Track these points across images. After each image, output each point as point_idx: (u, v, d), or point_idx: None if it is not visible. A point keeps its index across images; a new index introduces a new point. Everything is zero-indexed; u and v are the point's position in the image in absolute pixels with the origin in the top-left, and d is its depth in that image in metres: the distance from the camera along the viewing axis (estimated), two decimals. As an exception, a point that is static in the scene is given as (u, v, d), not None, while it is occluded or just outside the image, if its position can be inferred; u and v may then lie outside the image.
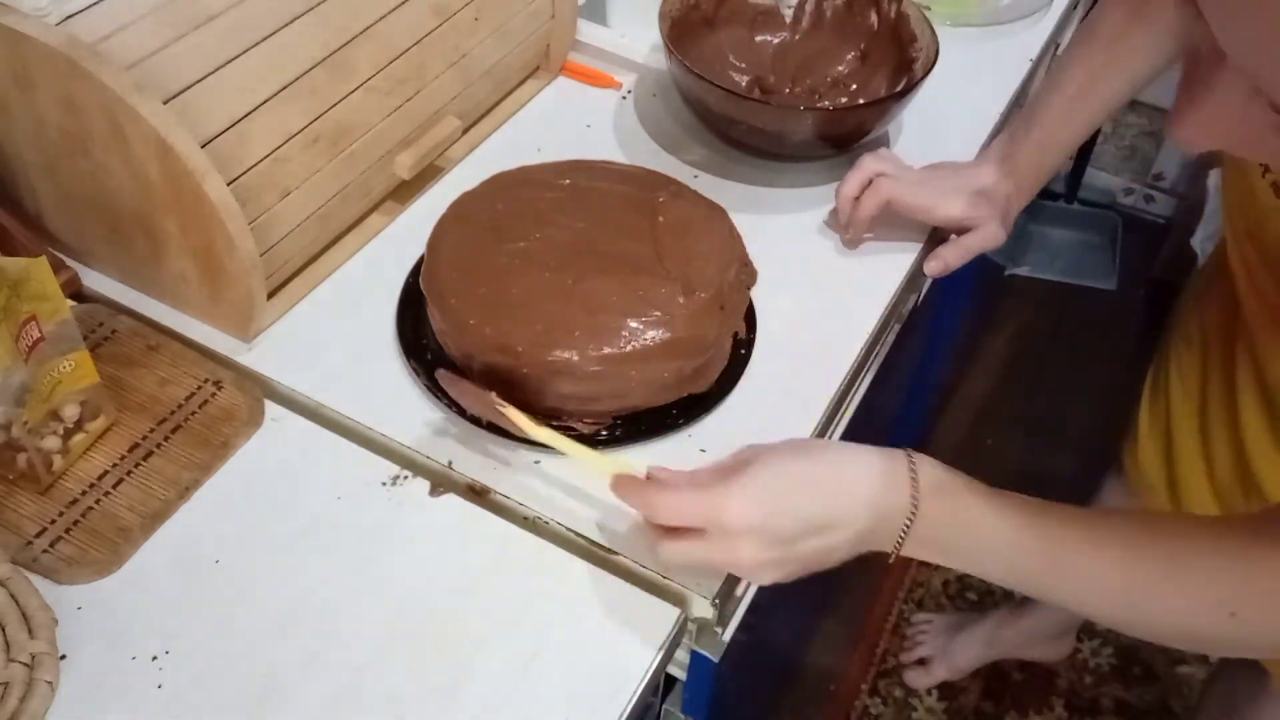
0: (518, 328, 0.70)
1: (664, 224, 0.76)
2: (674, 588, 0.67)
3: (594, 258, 0.74)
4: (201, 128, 0.69)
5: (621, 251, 0.75)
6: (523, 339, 0.70)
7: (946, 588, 1.71)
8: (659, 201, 0.78)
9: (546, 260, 0.74)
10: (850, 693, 1.59)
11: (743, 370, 0.77)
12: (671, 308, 0.71)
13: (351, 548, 0.68)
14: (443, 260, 0.75)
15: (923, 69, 0.91)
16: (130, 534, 0.67)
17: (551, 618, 0.66)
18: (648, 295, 0.72)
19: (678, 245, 0.75)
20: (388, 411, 0.74)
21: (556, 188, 0.79)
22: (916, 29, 0.95)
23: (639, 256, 0.74)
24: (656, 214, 0.77)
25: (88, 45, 0.67)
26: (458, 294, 0.72)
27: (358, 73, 0.79)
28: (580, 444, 0.66)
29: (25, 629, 0.61)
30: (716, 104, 0.89)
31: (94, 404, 0.71)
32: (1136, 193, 2.28)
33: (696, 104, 0.93)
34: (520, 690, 0.62)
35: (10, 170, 0.79)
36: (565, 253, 0.74)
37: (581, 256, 0.74)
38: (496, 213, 0.77)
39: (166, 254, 0.75)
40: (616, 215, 0.77)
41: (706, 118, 0.94)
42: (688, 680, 0.75)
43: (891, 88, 0.97)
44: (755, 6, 1.01)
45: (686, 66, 0.88)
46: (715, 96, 0.88)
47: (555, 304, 0.71)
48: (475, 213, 0.78)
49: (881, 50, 0.99)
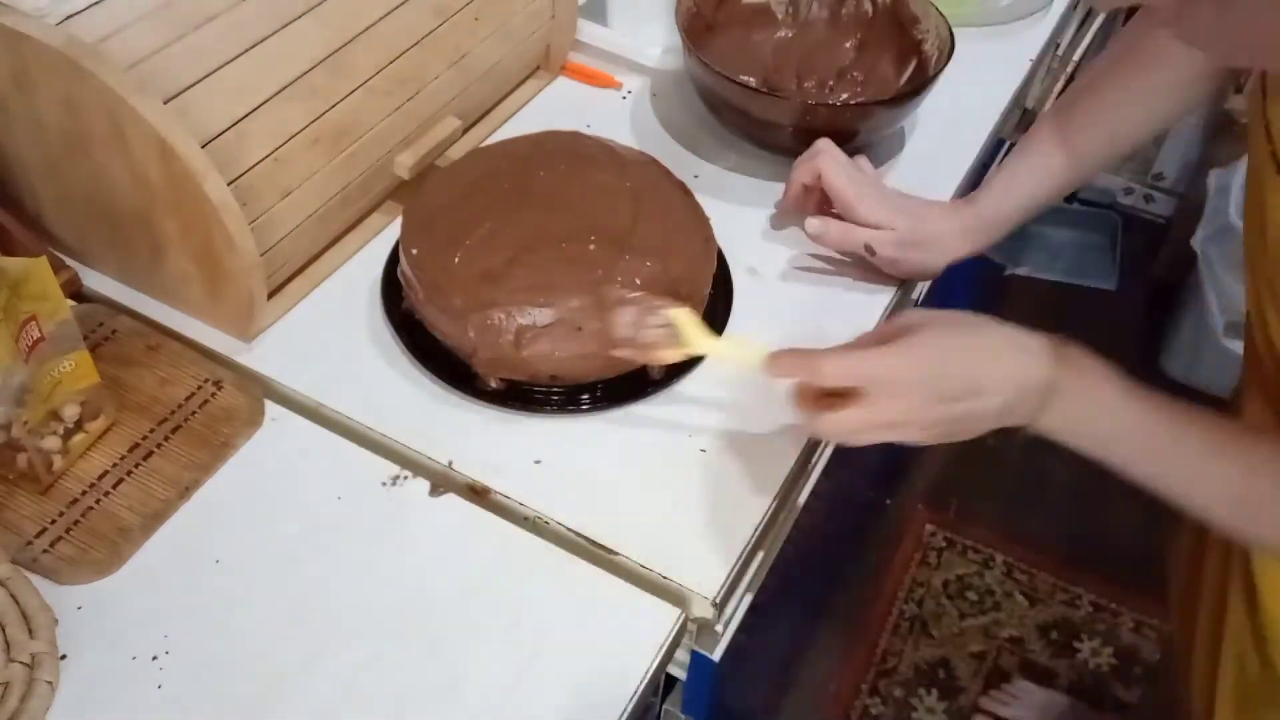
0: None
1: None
2: (674, 588, 0.67)
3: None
4: (201, 128, 0.69)
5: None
6: None
7: (946, 587, 1.71)
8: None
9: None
10: (850, 693, 1.59)
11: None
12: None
13: (351, 548, 0.68)
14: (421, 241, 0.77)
15: (936, 50, 0.92)
16: (130, 534, 0.67)
17: (551, 618, 0.66)
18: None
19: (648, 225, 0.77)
20: (388, 411, 0.74)
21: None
22: (918, 10, 0.96)
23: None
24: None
25: (88, 45, 0.67)
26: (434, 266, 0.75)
27: (358, 73, 0.79)
28: (743, 343, 0.69)
29: (25, 629, 0.61)
30: (759, 109, 0.89)
31: (94, 404, 0.71)
32: (1136, 193, 2.28)
33: (720, 104, 0.92)
34: (520, 690, 0.62)
35: (10, 170, 0.79)
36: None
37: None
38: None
39: (166, 254, 0.75)
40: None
41: (734, 119, 0.93)
42: (688, 680, 0.75)
43: (899, 73, 0.97)
44: (749, 6, 1.01)
45: (726, 76, 0.88)
46: (743, 96, 0.89)
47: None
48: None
49: (881, 35, 0.99)
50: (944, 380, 0.61)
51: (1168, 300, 2.01)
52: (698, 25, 0.97)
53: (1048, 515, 1.74)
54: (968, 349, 0.63)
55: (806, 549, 0.98)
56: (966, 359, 0.62)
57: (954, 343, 0.63)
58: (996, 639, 1.65)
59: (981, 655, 1.63)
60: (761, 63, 1.00)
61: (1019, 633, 1.66)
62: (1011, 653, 1.64)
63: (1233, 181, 1.80)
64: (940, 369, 0.62)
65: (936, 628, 1.67)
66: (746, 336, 0.73)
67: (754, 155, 0.95)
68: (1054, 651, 1.64)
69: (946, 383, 0.61)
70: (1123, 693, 1.59)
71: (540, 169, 0.81)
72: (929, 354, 0.62)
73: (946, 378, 0.62)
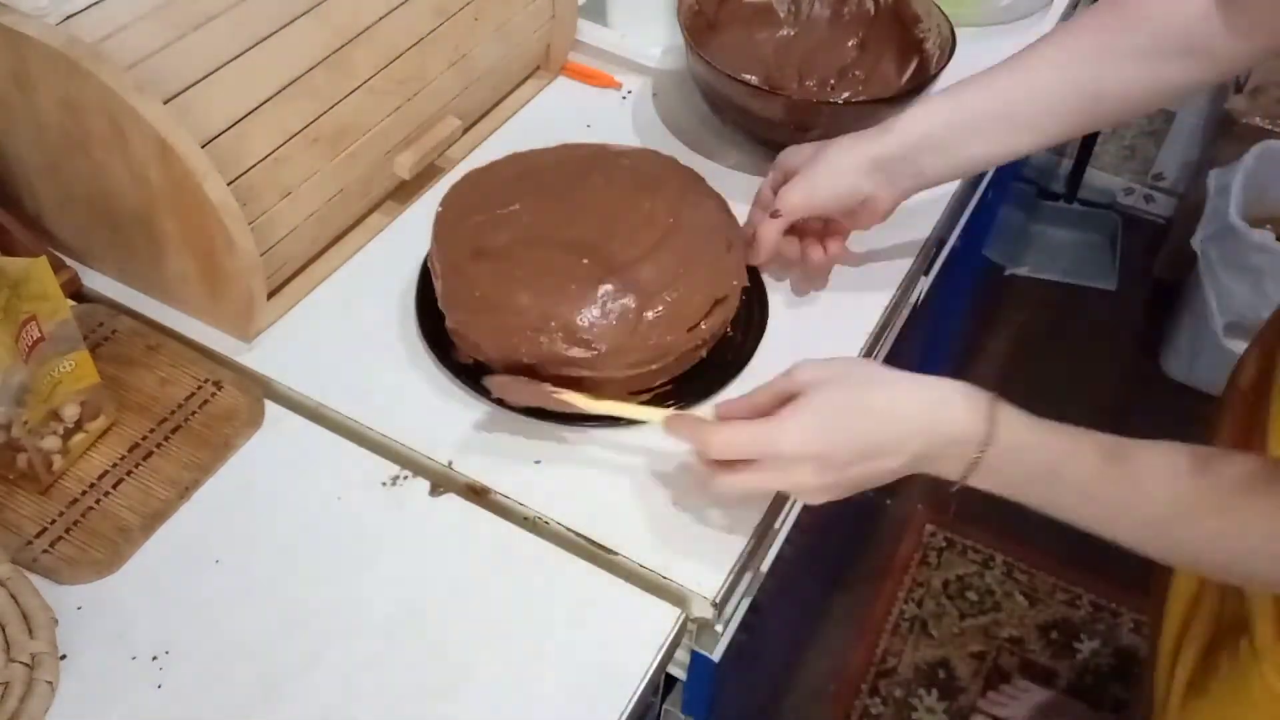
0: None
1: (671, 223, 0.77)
2: (674, 588, 0.67)
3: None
4: (201, 128, 0.69)
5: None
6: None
7: (946, 587, 1.71)
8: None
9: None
10: (850, 693, 1.59)
11: (744, 367, 0.77)
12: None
13: (351, 547, 0.68)
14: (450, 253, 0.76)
15: (938, 49, 0.92)
16: (130, 534, 0.67)
17: (551, 618, 0.66)
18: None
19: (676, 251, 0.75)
20: (388, 411, 0.74)
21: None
22: (919, 8, 0.96)
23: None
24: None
25: (88, 45, 0.67)
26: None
27: (358, 73, 0.79)
28: (642, 407, 0.69)
29: (25, 629, 0.61)
30: (763, 108, 0.89)
31: (94, 404, 0.71)
32: (1136, 193, 2.28)
33: (724, 103, 0.92)
34: (520, 690, 0.62)
35: (10, 170, 0.79)
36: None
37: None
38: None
39: (166, 254, 0.75)
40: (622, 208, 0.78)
41: (737, 117, 0.93)
42: (688, 680, 0.75)
43: (900, 71, 0.97)
44: (751, 5, 1.01)
45: (729, 75, 0.88)
46: (747, 95, 0.88)
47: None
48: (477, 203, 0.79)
49: (882, 34, 0.99)
50: (833, 449, 0.60)
51: (1168, 300, 2.01)
52: (699, 24, 0.97)
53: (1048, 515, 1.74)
54: (858, 412, 0.61)
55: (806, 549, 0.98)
56: (857, 425, 0.60)
57: (844, 406, 0.61)
58: (996, 639, 1.65)
59: (981, 655, 1.64)
60: (763, 61, 1.00)
61: (1019, 633, 1.66)
62: (1011, 653, 1.64)
63: (1233, 181, 1.80)
64: (828, 439, 0.60)
65: (936, 628, 1.67)
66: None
67: (754, 154, 0.95)
68: (1054, 651, 1.64)
69: (836, 451, 0.60)
70: (1122, 693, 1.59)
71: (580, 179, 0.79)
72: (816, 423, 0.60)
73: (835, 446, 0.60)
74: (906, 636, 1.65)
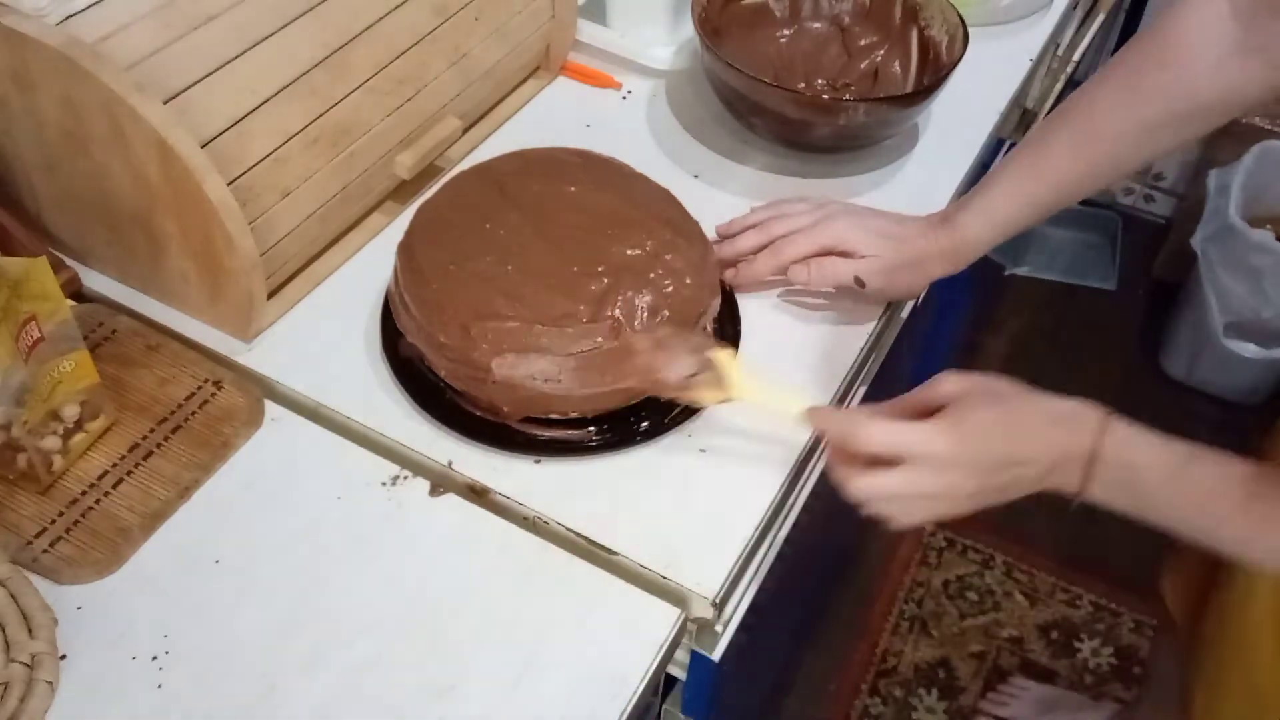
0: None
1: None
2: (674, 588, 0.67)
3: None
4: (201, 128, 0.69)
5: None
6: None
7: (946, 587, 1.71)
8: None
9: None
10: (850, 693, 1.59)
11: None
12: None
13: (351, 548, 0.68)
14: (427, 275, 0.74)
15: (946, 34, 0.93)
16: (130, 534, 0.67)
17: (551, 618, 0.66)
18: None
19: None
20: (388, 411, 0.74)
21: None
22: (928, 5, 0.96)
23: None
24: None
25: (88, 45, 0.67)
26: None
27: (358, 73, 0.79)
28: (762, 388, 0.69)
29: (25, 629, 0.61)
30: (794, 110, 0.89)
31: (94, 404, 0.71)
32: (1136, 193, 2.28)
33: (749, 106, 0.92)
34: (520, 690, 0.62)
35: (10, 170, 0.79)
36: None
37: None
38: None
39: (166, 254, 0.75)
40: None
41: (764, 122, 0.93)
42: (688, 680, 0.75)
43: (905, 67, 0.97)
44: (748, 7, 1.01)
45: (755, 78, 0.88)
46: (779, 98, 0.88)
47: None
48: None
49: (882, 30, 0.99)
50: (983, 455, 0.63)
51: (1168, 300, 2.01)
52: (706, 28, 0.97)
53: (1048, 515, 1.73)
54: (1009, 424, 0.64)
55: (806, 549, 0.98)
56: (1007, 434, 0.63)
57: (995, 417, 0.64)
58: (996, 639, 1.65)
59: (981, 655, 1.64)
60: (769, 62, 1.00)
61: (1019, 633, 1.66)
62: (1011, 653, 1.64)
63: (1233, 181, 1.80)
64: (982, 445, 0.63)
65: (936, 628, 1.67)
66: (785, 384, 0.73)
67: (754, 154, 0.95)
68: (1054, 651, 1.64)
69: (985, 458, 0.63)
70: (1122, 693, 1.59)
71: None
72: (971, 430, 0.63)
73: (985, 453, 0.63)
74: (906, 636, 1.65)
